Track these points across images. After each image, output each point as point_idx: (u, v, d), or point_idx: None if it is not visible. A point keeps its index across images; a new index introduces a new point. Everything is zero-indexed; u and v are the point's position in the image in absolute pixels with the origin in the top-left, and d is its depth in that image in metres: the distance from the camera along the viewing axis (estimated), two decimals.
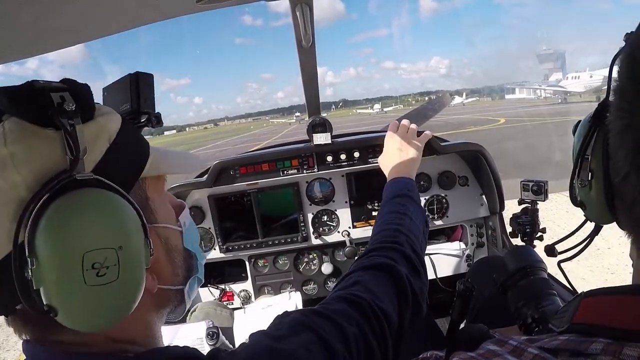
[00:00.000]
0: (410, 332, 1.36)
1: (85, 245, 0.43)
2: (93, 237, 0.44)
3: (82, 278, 0.43)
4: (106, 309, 0.46)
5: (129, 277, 0.47)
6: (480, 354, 0.51)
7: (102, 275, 0.44)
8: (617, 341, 0.41)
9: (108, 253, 0.45)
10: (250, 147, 11.12)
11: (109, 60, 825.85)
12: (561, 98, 42.92)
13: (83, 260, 0.43)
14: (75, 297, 0.44)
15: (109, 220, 0.46)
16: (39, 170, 0.44)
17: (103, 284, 0.44)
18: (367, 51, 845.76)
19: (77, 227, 0.43)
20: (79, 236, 0.43)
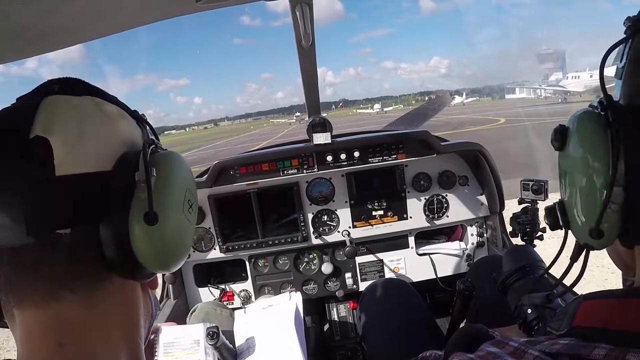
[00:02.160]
0: (410, 332, 1.36)
1: (188, 184, 0.56)
2: (191, 182, 0.57)
3: (182, 205, 0.53)
4: (181, 243, 0.53)
5: (192, 228, 0.58)
6: (480, 356, 0.51)
7: (190, 213, 0.55)
8: (619, 346, 0.41)
9: (194, 201, 0.58)
10: (250, 147, 11.12)
11: (109, 60, 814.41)
12: (561, 98, 42.87)
13: (185, 193, 0.54)
14: (174, 216, 0.51)
15: (192, 177, 0.59)
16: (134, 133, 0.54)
17: (188, 219, 0.54)
18: (366, 51, 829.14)
19: (183, 171, 0.56)
20: (185, 177, 0.55)
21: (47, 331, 0.44)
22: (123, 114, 0.53)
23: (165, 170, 0.51)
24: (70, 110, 0.47)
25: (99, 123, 0.49)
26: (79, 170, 0.44)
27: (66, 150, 0.44)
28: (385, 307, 1.49)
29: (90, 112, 0.49)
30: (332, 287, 2.04)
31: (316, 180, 1.91)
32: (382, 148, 1.81)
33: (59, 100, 0.47)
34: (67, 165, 0.43)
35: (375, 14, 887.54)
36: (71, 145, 0.44)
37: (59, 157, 0.43)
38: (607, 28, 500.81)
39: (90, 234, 0.45)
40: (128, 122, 0.54)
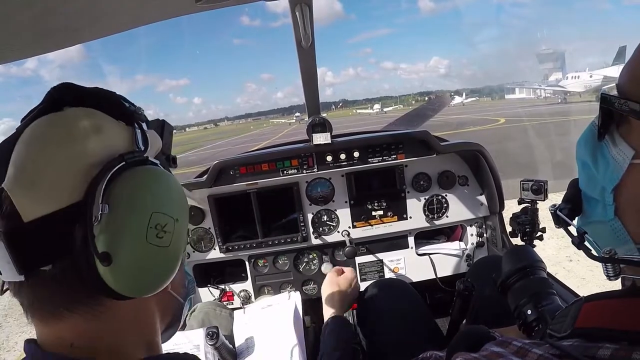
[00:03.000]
0: (410, 332, 1.36)
1: (155, 206, 0.51)
2: (162, 202, 0.52)
3: (145, 233, 0.49)
4: (151, 270, 0.52)
5: (175, 248, 0.54)
6: (484, 356, 0.51)
7: (160, 237, 0.51)
8: (624, 346, 0.41)
9: (168, 220, 0.52)
10: (250, 147, 11.13)
11: (109, 60, 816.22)
12: (561, 98, 42.85)
13: (150, 218, 0.50)
14: (132, 249, 0.49)
15: (175, 194, 0.55)
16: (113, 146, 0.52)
17: (158, 245, 0.51)
18: (366, 51, 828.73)
19: (150, 190, 0.51)
20: (152, 198, 0.51)
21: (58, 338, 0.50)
22: (98, 127, 0.51)
23: (123, 199, 0.49)
24: (36, 144, 0.48)
25: (63, 151, 0.48)
26: (45, 212, 0.46)
27: (28, 197, 0.46)
28: (385, 308, 1.49)
29: (54, 141, 0.48)
30: None
31: (316, 180, 1.91)
32: (382, 148, 1.80)
33: (30, 134, 0.49)
34: (31, 211, 0.46)
35: (375, 14, 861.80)
36: (32, 189, 0.46)
37: (21, 205, 0.46)
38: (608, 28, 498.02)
39: (70, 267, 0.47)
40: (104, 135, 0.51)
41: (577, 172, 0.64)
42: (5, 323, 4.78)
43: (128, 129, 0.55)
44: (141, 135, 0.55)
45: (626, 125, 0.50)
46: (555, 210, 0.68)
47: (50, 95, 0.52)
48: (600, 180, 0.54)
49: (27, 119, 0.51)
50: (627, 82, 0.50)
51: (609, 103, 0.50)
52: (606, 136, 0.53)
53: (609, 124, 0.52)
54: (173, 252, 0.54)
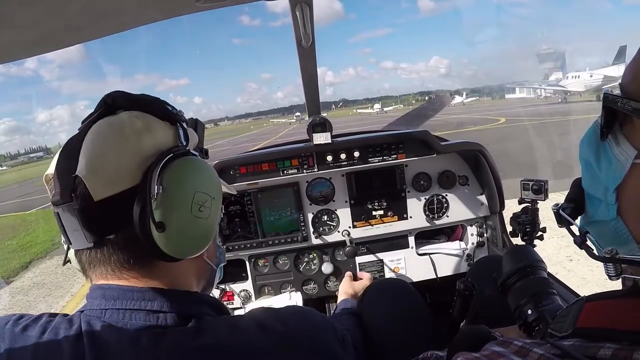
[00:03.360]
0: (410, 332, 1.36)
1: (197, 187, 0.65)
2: (202, 184, 0.66)
3: (190, 208, 0.63)
4: (194, 237, 0.65)
5: (212, 220, 0.68)
6: (485, 355, 0.51)
7: (201, 211, 0.65)
8: (626, 346, 0.41)
9: (207, 198, 0.66)
10: (250, 147, 11.14)
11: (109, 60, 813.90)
12: (561, 97, 42.79)
13: (194, 196, 0.64)
14: (180, 220, 0.62)
15: (211, 178, 0.70)
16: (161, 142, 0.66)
17: (199, 217, 0.64)
18: (366, 51, 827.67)
19: (193, 174, 0.65)
20: (195, 181, 0.65)
21: None
22: (150, 126, 0.65)
23: (173, 181, 0.62)
24: (102, 141, 0.62)
25: (123, 146, 0.62)
26: (111, 193, 0.60)
27: (98, 182, 0.60)
28: (385, 307, 1.49)
29: (115, 138, 0.63)
30: (332, 287, 2.04)
31: (316, 180, 1.91)
32: (382, 148, 1.80)
33: (95, 132, 0.63)
34: (100, 192, 0.60)
35: (375, 14, 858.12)
36: (101, 179, 0.60)
37: (93, 188, 0.59)
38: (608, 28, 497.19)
39: (130, 236, 0.61)
40: (154, 132, 0.65)
41: (577, 172, 0.64)
42: None
43: (172, 127, 0.68)
44: (182, 133, 0.69)
45: (629, 125, 0.50)
46: (558, 210, 0.68)
47: (104, 101, 0.66)
48: (602, 179, 0.54)
49: (88, 121, 0.65)
50: (630, 82, 0.49)
51: (611, 102, 0.49)
52: (609, 136, 0.52)
53: (612, 123, 0.52)
54: (210, 223, 0.68)
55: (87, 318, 0.62)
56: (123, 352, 0.58)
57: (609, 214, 0.54)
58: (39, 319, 0.64)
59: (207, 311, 0.67)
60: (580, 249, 0.61)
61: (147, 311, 0.62)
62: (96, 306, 0.63)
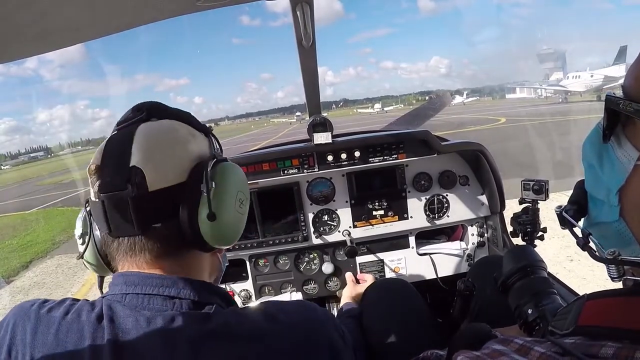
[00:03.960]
0: (410, 332, 1.36)
1: (239, 187, 0.75)
2: (241, 185, 0.77)
3: (234, 203, 0.73)
4: (235, 229, 0.74)
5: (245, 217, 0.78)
6: (486, 354, 0.51)
7: (241, 207, 0.76)
8: (627, 344, 0.41)
9: (244, 197, 0.77)
10: (250, 146, 11.14)
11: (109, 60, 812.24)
12: (562, 97, 42.79)
13: (237, 194, 0.74)
14: (228, 212, 0.71)
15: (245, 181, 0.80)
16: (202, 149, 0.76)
17: (239, 212, 0.75)
18: (366, 51, 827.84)
19: (235, 177, 0.76)
20: (237, 180, 0.76)
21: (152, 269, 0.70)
22: (193, 133, 0.74)
23: (222, 180, 0.71)
24: (155, 142, 0.68)
25: (176, 148, 0.70)
26: (164, 185, 0.66)
27: (154, 175, 0.65)
28: (385, 307, 1.49)
29: (169, 141, 0.70)
30: (333, 287, 2.04)
31: (317, 179, 1.91)
32: (383, 148, 1.80)
33: (146, 132, 0.69)
34: (155, 184, 0.65)
35: (375, 14, 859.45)
36: (157, 171, 0.66)
37: (149, 179, 0.65)
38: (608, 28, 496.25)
39: (175, 226, 0.67)
40: (196, 139, 0.74)
41: (577, 172, 0.64)
42: None
43: (206, 138, 0.78)
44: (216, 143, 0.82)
45: (631, 127, 0.50)
46: (561, 212, 0.68)
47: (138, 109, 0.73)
48: (605, 181, 0.54)
49: (128, 124, 0.71)
50: (632, 84, 0.49)
51: (614, 104, 0.49)
52: (611, 138, 0.52)
53: (614, 125, 0.52)
54: (244, 219, 0.78)
55: (108, 302, 0.66)
56: (139, 332, 0.63)
57: (611, 216, 0.54)
58: (62, 302, 0.69)
59: (217, 301, 0.71)
60: (583, 250, 0.61)
61: (165, 297, 0.67)
62: (118, 291, 0.68)
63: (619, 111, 0.49)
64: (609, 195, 0.53)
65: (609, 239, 0.56)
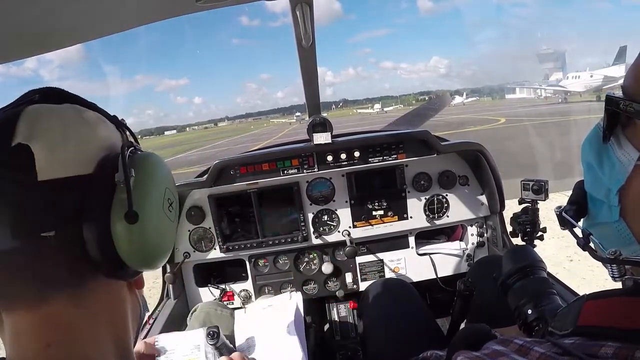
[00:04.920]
0: (410, 332, 1.36)
1: (166, 183, 0.57)
2: (169, 182, 0.58)
3: (161, 202, 0.54)
4: (163, 239, 0.54)
5: (175, 225, 0.59)
6: (486, 354, 0.51)
7: (170, 211, 0.57)
8: (627, 344, 0.41)
9: (173, 199, 0.59)
10: (250, 146, 11.13)
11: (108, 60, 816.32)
12: (561, 98, 42.85)
13: (165, 192, 0.56)
14: (153, 213, 0.52)
15: (173, 180, 0.61)
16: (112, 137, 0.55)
17: (169, 218, 0.56)
18: (365, 51, 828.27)
19: (162, 170, 0.57)
20: (164, 176, 0.57)
21: (35, 332, 0.45)
22: (102, 119, 0.54)
23: (144, 170, 0.52)
24: (51, 117, 0.48)
25: (79, 128, 0.50)
26: (61, 175, 0.46)
27: (47, 156, 0.45)
28: (385, 307, 1.49)
29: (70, 118, 0.50)
30: (333, 287, 2.04)
31: (316, 180, 1.91)
32: (383, 148, 1.80)
33: (40, 108, 0.48)
34: (48, 171, 0.45)
35: (374, 14, 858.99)
36: (52, 151, 0.46)
37: (40, 162, 0.44)
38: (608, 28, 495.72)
39: (74, 236, 0.46)
40: (107, 126, 0.55)
41: (577, 172, 0.64)
42: None
43: (117, 130, 0.57)
44: (131, 137, 0.60)
45: (631, 127, 0.50)
46: (561, 212, 0.68)
47: (34, 92, 0.52)
48: (605, 181, 0.54)
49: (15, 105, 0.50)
50: (631, 84, 0.50)
51: (614, 104, 0.50)
52: (611, 138, 0.53)
53: (614, 125, 0.52)
54: (174, 229, 0.59)
55: None
56: None
57: (611, 216, 0.54)
58: None
59: None
60: (584, 250, 0.61)
61: None
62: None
63: (619, 111, 0.49)
64: (609, 196, 0.54)
65: (610, 239, 0.56)
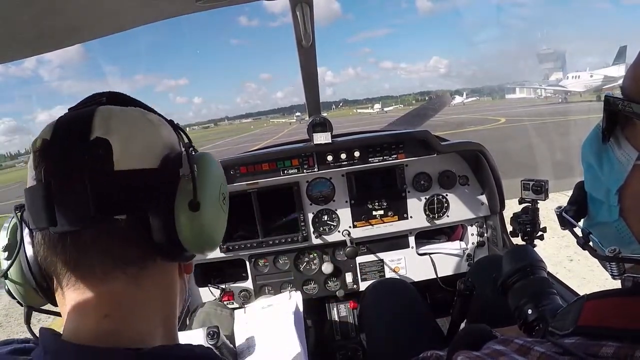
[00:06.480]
0: (411, 332, 1.36)
1: (221, 180, 0.63)
2: (223, 179, 0.64)
3: (218, 196, 0.60)
4: (217, 228, 0.60)
5: (226, 216, 0.65)
6: (486, 354, 0.51)
7: (224, 204, 0.63)
8: (627, 344, 0.41)
9: (226, 192, 0.65)
10: (250, 146, 11.13)
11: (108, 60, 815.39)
12: (561, 98, 42.88)
13: (220, 187, 0.61)
14: (212, 204, 0.57)
15: (225, 178, 0.65)
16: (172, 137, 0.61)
17: (222, 209, 0.62)
18: (365, 51, 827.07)
19: (218, 169, 0.62)
20: (220, 174, 0.63)
21: (97, 304, 0.51)
22: (163, 122, 0.60)
23: (203, 167, 0.58)
24: (122, 116, 0.54)
25: (146, 127, 0.56)
26: (133, 167, 0.51)
27: (122, 149, 0.51)
28: (385, 307, 1.49)
29: (138, 118, 0.56)
30: (333, 287, 2.04)
31: (316, 180, 1.91)
32: (383, 148, 1.80)
33: (112, 109, 0.55)
34: (123, 162, 0.50)
35: (373, 14, 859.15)
36: (125, 145, 0.51)
37: (116, 154, 0.50)
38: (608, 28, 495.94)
39: (142, 220, 0.51)
40: (167, 128, 0.60)
41: (577, 172, 0.64)
42: (6, 323, 4.79)
43: (173, 131, 0.63)
44: (185, 136, 0.64)
45: (630, 127, 0.50)
46: (561, 212, 0.68)
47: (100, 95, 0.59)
48: (605, 181, 0.55)
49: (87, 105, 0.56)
50: (630, 84, 0.50)
51: (613, 105, 0.50)
52: (611, 138, 0.53)
53: (613, 126, 0.52)
54: (225, 221, 0.64)
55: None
56: None
57: (611, 216, 0.54)
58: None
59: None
60: (584, 249, 0.61)
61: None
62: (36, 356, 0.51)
63: (618, 112, 0.49)
64: (609, 195, 0.54)
65: (609, 239, 0.56)
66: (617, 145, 0.51)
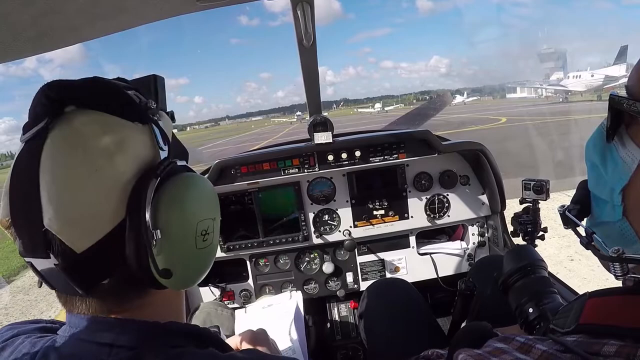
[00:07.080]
0: (411, 332, 1.36)
1: (198, 215, 0.55)
2: (202, 209, 0.57)
3: (194, 243, 0.55)
4: (201, 267, 0.59)
5: (215, 242, 0.61)
6: (488, 352, 0.51)
7: (205, 240, 0.57)
8: (629, 342, 0.41)
9: (209, 223, 0.58)
10: (251, 146, 11.14)
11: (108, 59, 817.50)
12: (562, 97, 42.81)
13: (197, 228, 0.55)
14: (188, 259, 0.55)
15: (209, 195, 0.60)
16: (139, 157, 0.52)
17: (204, 247, 0.57)
18: (365, 50, 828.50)
19: (192, 202, 0.55)
20: (195, 209, 0.55)
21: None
22: (119, 142, 0.51)
23: (170, 219, 0.52)
24: (66, 177, 0.48)
25: (98, 180, 0.49)
26: (96, 239, 0.49)
27: (77, 233, 0.48)
28: (386, 307, 1.49)
29: (83, 172, 0.48)
30: (333, 287, 2.04)
31: (317, 179, 1.91)
32: (383, 147, 1.80)
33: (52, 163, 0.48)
34: (83, 242, 0.48)
35: (373, 14, 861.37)
36: (79, 226, 0.48)
37: (73, 241, 0.48)
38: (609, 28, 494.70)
39: (125, 275, 0.51)
40: (126, 149, 0.51)
41: (578, 171, 0.64)
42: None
43: (145, 128, 0.54)
44: (160, 133, 0.56)
45: (635, 127, 0.50)
46: (564, 211, 0.68)
47: (47, 97, 0.49)
48: (608, 181, 0.55)
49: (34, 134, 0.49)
50: (636, 83, 0.50)
51: (617, 104, 0.50)
52: (615, 137, 0.53)
53: (618, 125, 0.52)
54: (213, 247, 0.61)
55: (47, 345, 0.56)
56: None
57: (614, 215, 0.54)
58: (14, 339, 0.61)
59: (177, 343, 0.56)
60: (587, 249, 0.61)
61: (98, 344, 0.53)
62: (61, 332, 0.56)
63: (623, 111, 0.49)
64: (612, 195, 0.54)
65: (613, 238, 0.56)
66: (621, 145, 0.51)
